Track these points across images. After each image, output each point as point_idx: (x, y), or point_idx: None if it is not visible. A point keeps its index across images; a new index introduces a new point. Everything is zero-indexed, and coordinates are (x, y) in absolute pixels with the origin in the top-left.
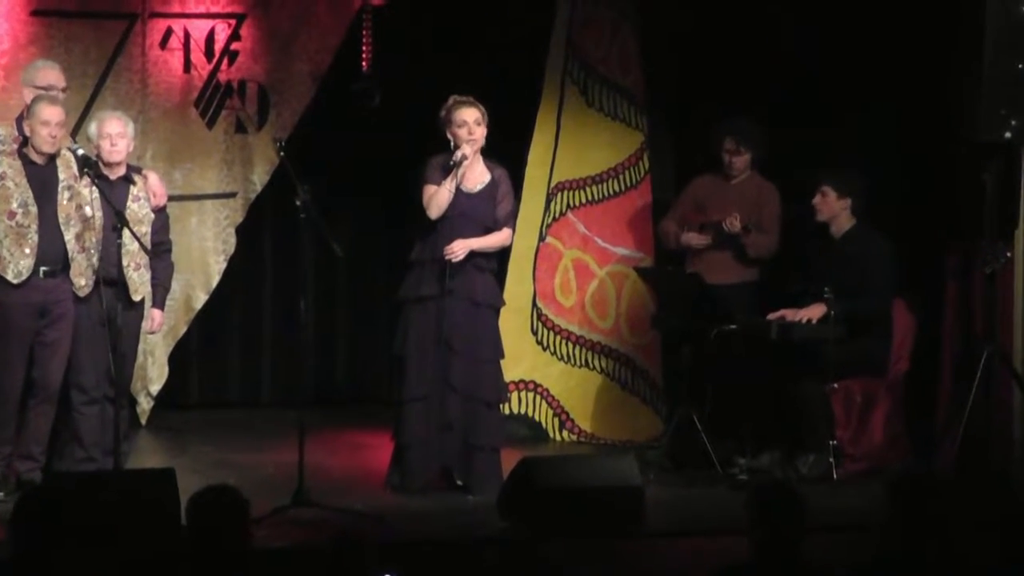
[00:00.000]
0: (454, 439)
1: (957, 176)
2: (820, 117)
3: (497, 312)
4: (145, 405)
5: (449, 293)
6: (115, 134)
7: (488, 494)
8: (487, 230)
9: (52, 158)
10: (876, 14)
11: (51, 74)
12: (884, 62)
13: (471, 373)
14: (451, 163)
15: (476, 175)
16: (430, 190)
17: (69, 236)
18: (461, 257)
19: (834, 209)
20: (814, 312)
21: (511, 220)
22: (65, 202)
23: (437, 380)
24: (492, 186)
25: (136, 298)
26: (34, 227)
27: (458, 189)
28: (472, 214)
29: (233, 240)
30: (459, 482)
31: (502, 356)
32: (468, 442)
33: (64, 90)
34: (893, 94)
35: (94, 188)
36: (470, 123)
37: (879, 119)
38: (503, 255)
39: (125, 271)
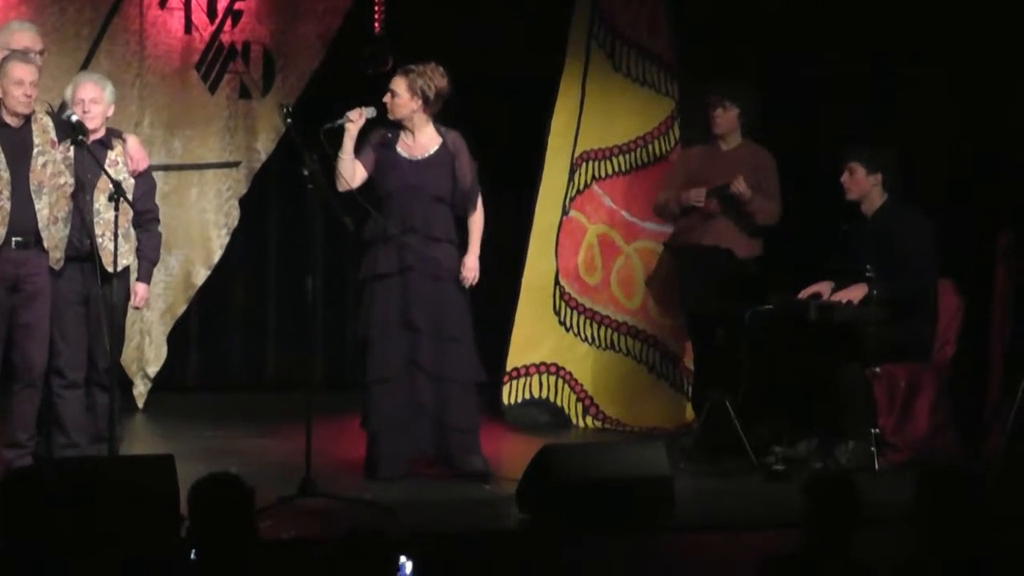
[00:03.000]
0: (427, 422)
1: (1009, 152)
2: (865, 90)
3: (461, 285)
4: (142, 388)
5: (409, 269)
6: (88, 99)
7: (473, 475)
8: (439, 200)
9: (27, 122)
10: None
11: (27, 36)
12: (934, 35)
13: (439, 352)
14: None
15: (423, 141)
16: None
17: (41, 205)
18: (477, 278)
19: (864, 186)
20: (855, 293)
21: (477, 193)
22: (39, 168)
23: (403, 361)
24: (444, 152)
25: (111, 270)
26: (6, 194)
27: (402, 158)
28: (421, 185)
29: (236, 212)
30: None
31: (471, 333)
32: (443, 423)
33: (41, 52)
34: (943, 68)
35: (70, 154)
36: (389, 90)
37: (928, 95)
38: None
39: (99, 241)
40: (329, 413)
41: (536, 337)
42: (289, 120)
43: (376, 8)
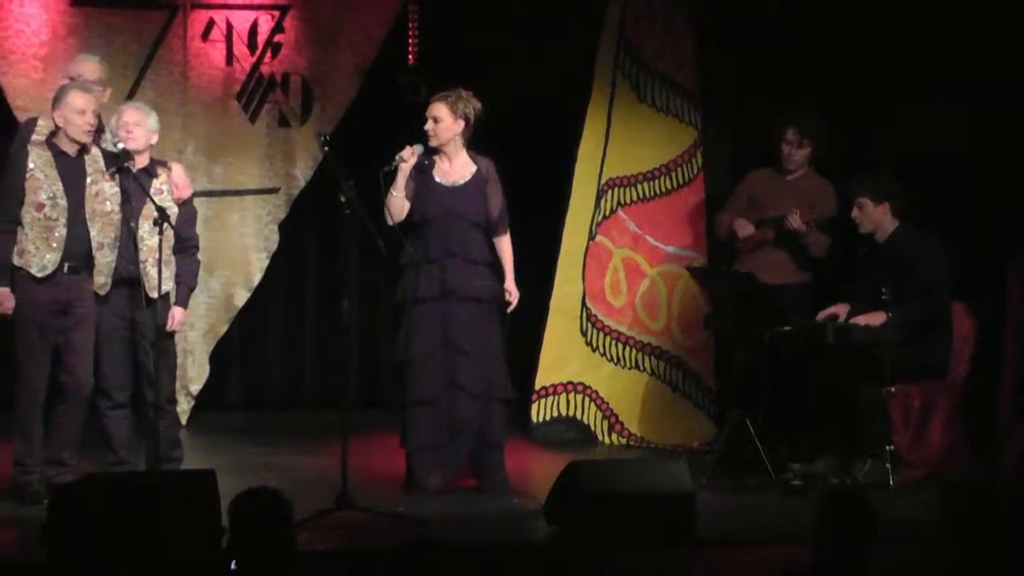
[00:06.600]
0: (466, 441)
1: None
2: (882, 114)
3: (497, 305)
4: (185, 405)
5: (450, 292)
6: (131, 123)
7: (496, 489)
8: (476, 226)
9: (82, 150)
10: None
11: (92, 67)
12: (949, 54)
13: (483, 372)
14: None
15: (458, 168)
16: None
17: (94, 232)
18: (518, 298)
19: (875, 217)
20: (874, 320)
21: (506, 218)
22: (92, 195)
23: (443, 383)
24: (478, 178)
25: (154, 295)
26: (62, 220)
27: (439, 185)
28: (459, 210)
29: (275, 237)
30: (475, 481)
31: (504, 352)
32: (484, 440)
33: (98, 83)
34: (957, 88)
35: (116, 182)
36: (429, 118)
37: (941, 116)
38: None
39: (142, 267)
40: (364, 430)
41: (564, 357)
42: (326, 148)
43: (410, 39)
